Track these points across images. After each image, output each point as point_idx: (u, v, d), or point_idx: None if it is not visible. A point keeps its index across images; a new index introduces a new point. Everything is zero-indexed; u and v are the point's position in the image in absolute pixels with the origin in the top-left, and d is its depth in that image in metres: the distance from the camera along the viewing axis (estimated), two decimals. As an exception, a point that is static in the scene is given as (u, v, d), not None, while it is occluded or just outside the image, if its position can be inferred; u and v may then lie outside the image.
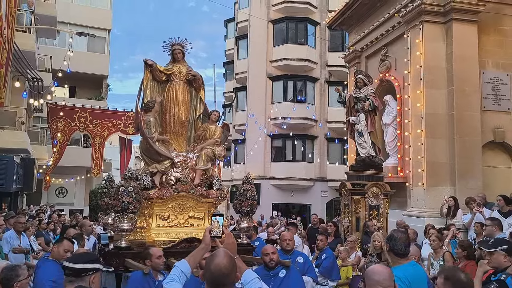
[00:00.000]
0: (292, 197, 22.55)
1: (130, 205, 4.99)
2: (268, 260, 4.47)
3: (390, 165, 11.53)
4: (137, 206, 5.14)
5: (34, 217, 11.27)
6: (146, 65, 6.27)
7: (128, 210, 5.00)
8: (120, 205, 4.98)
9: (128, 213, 5.01)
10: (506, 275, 3.64)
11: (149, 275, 4.27)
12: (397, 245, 3.40)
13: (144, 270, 4.26)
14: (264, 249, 4.68)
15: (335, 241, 8.21)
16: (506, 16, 10.92)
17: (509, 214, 7.29)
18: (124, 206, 4.97)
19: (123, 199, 4.97)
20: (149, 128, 5.85)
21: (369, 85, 9.62)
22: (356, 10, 13.56)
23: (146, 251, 4.49)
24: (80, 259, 2.67)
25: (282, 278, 4.41)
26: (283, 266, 4.53)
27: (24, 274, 2.93)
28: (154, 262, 4.34)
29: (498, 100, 10.71)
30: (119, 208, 4.99)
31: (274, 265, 4.46)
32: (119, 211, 5.01)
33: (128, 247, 5.02)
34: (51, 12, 18.18)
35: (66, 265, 2.61)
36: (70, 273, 2.59)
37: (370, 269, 2.62)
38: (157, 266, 4.36)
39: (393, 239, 3.44)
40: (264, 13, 23.38)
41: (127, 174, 5.20)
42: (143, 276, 4.24)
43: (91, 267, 2.64)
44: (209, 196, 5.91)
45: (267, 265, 4.49)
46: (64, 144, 16.88)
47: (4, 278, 2.95)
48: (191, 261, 2.68)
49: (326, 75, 23.56)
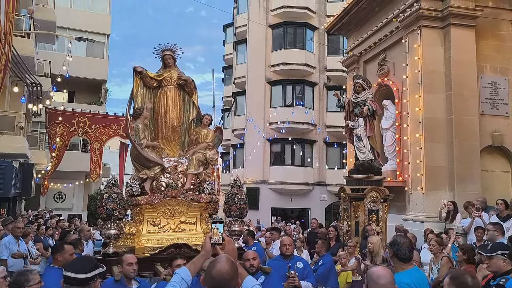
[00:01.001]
0: (291, 202, 22.53)
1: (114, 211, 4.99)
2: (248, 266, 4.46)
3: (389, 169, 11.53)
4: (122, 212, 5.13)
5: (33, 222, 11.24)
6: (136, 72, 6.28)
7: (113, 216, 5.00)
8: (104, 212, 4.98)
9: (113, 219, 5.01)
10: (506, 280, 3.64)
11: (121, 282, 4.22)
12: (401, 250, 3.37)
13: (115, 277, 4.23)
14: (245, 255, 4.67)
15: (336, 245, 8.18)
16: (503, 21, 10.98)
17: (507, 218, 7.30)
18: (109, 213, 4.98)
19: (107, 206, 4.97)
20: (137, 135, 5.85)
21: (367, 89, 9.64)
22: (355, 15, 13.62)
23: (120, 257, 4.45)
24: (83, 268, 2.64)
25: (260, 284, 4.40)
26: (263, 272, 4.51)
27: (35, 280, 2.89)
28: (125, 268, 4.25)
29: (496, 104, 10.74)
30: (104, 215, 5.00)
31: (254, 271, 4.45)
32: (104, 218, 5.02)
33: (116, 254, 5.00)
34: (50, 17, 18.20)
35: (72, 276, 2.58)
36: (75, 283, 2.57)
37: (374, 273, 2.57)
38: (127, 273, 4.26)
39: (396, 244, 3.41)
40: (262, 18, 23.46)
41: (111, 181, 5.21)
42: (114, 282, 4.21)
43: (96, 274, 2.64)
44: (200, 201, 5.90)
45: (246, 271, 4.47)
46: (62, 149, 16.83)
47: (13, 283, 2.92)
48: (192, 268, 2.68)
49: (325, 80, 23.62)
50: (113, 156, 30.97)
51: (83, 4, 24.74)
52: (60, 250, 4.57)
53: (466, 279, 2.70)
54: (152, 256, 4.97)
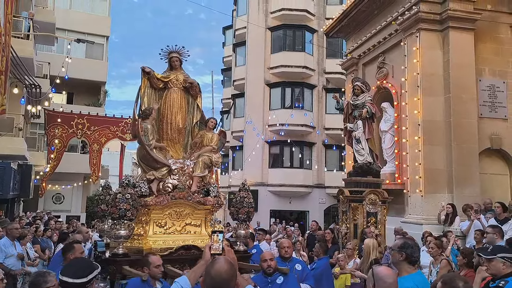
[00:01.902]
0: (290, 204, 22.52)
1: (127, 212, 4.98)
2: (266, 267, 4.46)
3: (388, 172, 11.54)
4: (134, 213, 5.12)
5: (31, 223, 11.21)
6: (144, 72, 6.29)
7: (126, 217, 4.99)
8: (117, 212, 4.97)
9: (125, 220, 5.00)
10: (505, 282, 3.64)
11: (147, 282, 4.27)
12: (415, 252, 3.33)
13: (143, 277, 4.27)
14: (262, 256, 4.68)
15: (333, 248, 8.19)
16: (502, 24, 11.02)
17: (505, 221, 7.31)
18: (122, 213, 4.96)
19: (121, 206, 4.96)
20: (146, 136, 5.86)
21: (366, 92, 9.64)
22: (354, 17, 13.65)
23: (146, 259, 4.49)
24: (80, 272, 2.64)
25: (279, 284, 4.40)
26: (281, 273, 4.51)
27: (53, 282, 2.90)
28: (153, 270, 4.33)
29: (495, 107, 10.77)
30: (117, 215, 4.98)
31: (272, 271, 4.45)
32: (116, 218, 5.00)
33: (126, 255, 5.01)
34: (49, 19, 18.20)
35: (69, 281, 2.57)
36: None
37: (381, 272, 2.61)
38: (155, 275, 4.36)
39: (410, 247, 3.35)
40: (262, 21, 23.50)
41: (125, 181, 5.19)
42: (141, 282, 4.25)
43: (92, 277, 2.64)
44: (206, 203, 5.90)
45: (265, 272, 4.48)
46: (61, 151, 16.83)
47: (32, 283, 2.93)
48: (192, 277, 2.70)
49: (324, 82, 23.65)
50: (112, 157, 30.99)
51: (82, 6, 24.75)
52: (70, 249, 4.66)
53: (457, 283, 2.70)
54: (163, 257, 4.96)
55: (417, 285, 3.15)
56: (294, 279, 4.60)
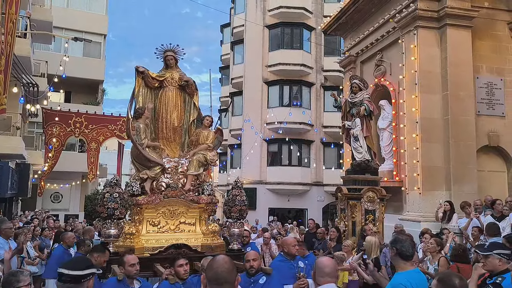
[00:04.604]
0: (288, 202, 22.54)
1: (115, 211, 4.99)
2: (248, 267, 4.43)
3: (386, 169, 11.55)
4: (123, 212, 5.13)
5: (30, 222, 11.19)
6: (138, 72, 6.28)
7: (114, 216, 5.00)
8: (105, 212, 4.98)
9: (114, 219, 5.01)
10: (502, 279, 3.66)
11: (123, 282, 4.26)
12: (405, 246, 3.33)
13: (118, 277, 4.27)
14: (246, 256, 4.64)
15: (337, 246, 8.13)
16: (499, 21, 11.02)
17: (502, 218, 7.33)
18: (110, 213, 4.98)
19: (108, 206, 4.97)
20: (138, 135, 5.86)
21: (364, 90, 9.64)
22: (351, 15, 13.64)
23: (121, 258, 4.47)
24: (78, 265, 2.66)
25: (262, 284, 4.36)
26: (264, 273, 4.49)
27: (25, 281, 2.90)
28: (127, 269, 4.29)
29: (493, 104, 10.78)
30: (105, 215, 5.00)
31: (254, 272, 4.42)
32: (105, 218, 5.02)
33: (116, 253, 5.00)
34: (47, 17, 18.13)
35: (65, 273, 2.59)
36: (69, 280, 2.58)
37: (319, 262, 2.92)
38: (130, 274, 4.30)
39: (399, 241, 3.38)
40: (259, 18, 23.47)
41: (112, 181, 5.20)
42: (116, 282, 4.25)
43: (90, 272, 2.64)
44: (200, 202, 5.91)
45: (247, 272, 4.45)
46: (59, 149, 16.82)
47: (4, 282, 2.93)
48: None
49: (322, 80, 23.64)
50: (110, 156, 30.94)
51: (79, 4, 24.66)
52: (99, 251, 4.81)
53: (453, 281, 2.70)
54: (152, 256, 4.96)
55: (410, 282, 3.12)
56: (277, 280, 4.57)
